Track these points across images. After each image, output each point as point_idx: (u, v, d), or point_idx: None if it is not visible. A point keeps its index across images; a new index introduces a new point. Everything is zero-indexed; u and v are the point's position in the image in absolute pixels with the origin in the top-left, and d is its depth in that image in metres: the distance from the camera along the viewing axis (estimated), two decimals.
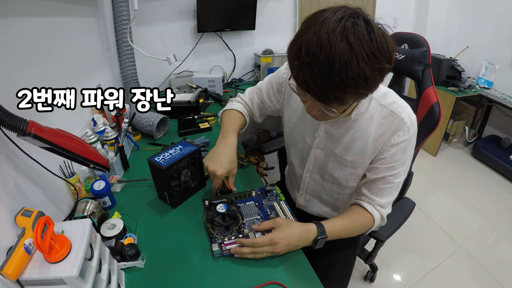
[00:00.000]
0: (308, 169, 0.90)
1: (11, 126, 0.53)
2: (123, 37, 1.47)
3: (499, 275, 1.53)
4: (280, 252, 0.68)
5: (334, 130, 0.78)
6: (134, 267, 0.67)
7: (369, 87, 0.52)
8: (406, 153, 0.72)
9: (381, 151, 0.73)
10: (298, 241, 0.70)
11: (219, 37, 2.00)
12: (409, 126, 0.69)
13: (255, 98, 1.00)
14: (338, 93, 0.51)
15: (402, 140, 0.70)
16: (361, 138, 0.74)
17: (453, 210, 2.03)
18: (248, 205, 0.83)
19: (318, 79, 0.50)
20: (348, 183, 0.83)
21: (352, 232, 0.77)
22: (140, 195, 0.92)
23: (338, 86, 0.50)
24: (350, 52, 0.47)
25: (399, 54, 1.12)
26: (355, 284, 1.49)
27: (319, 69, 0.49)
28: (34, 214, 0.56)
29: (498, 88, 2.48)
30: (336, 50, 0.47)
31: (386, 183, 0.75)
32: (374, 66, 0.49)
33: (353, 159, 0.77)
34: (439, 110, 0.99)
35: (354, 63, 0.47)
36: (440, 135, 2.55)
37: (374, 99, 0.72)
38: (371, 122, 0.72)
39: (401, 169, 0.74)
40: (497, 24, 2.42)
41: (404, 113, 0.69)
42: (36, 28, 0.83)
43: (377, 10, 2.48)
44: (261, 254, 0.68)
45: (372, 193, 0.77)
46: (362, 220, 0.77)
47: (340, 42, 0.47)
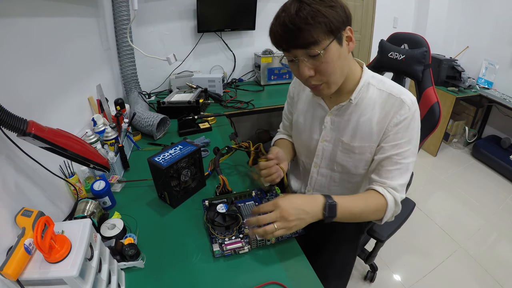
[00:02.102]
0: (316, 163, 0.90)
1: (11, 126, 0.53)
2: (123, 37, 1.48)
3: (499, 275, 1.53)
4: (288, 217, 0.63)
5: (339, 119, 0.81)
6: (134, 267, 0.67)
7: (328, 20, 0.61)
8: (410, 131, 0.74)
9: (385, 132, 0.75)
10: (304, 204, 0.66)
11: (219, 37, 2.00)
12: (410, 105, 0.72)
13: (284, 122, 1.07)
14: (306, 32, 0.61)
15: (404, 118, 0.72)
16: (365, 123, 0.77)
17: (453, 210, 2.03)
18: (248, 205, 0.83)
19: (287, 29, 0.63)
20: (358, 170, 0.84)
21: (364, 211, 0.73)
22: (140, 195, 0.92)
23: (303, 26, 0.61)
24: (302, 3, 0.62)
25: (399, 54, 1.12)
26: (355, 284, 1.49)
27: (285, 22, 0.63)
28: (34, 214, 0.57)
29: (498, 88, 2.48)
30: (291, 6, 0.63)
31: (394, 164, 0.75)
32: (324, 4, 0.62)
33: (361, 144, 0.79)
34: (439, 110, 0.99)
35: (306, 6, 0.61)
36: (440, 135, 2.55)
37: (371, 85, 0.77)
38: (373, 106, 0.76)
39: (407, 148, 0.74)
40: (497, 24, 2.42)
41: (403, 94, 0.74)
42: (36, 28, 0.83)
43: (377, 10, 2.49)
44: (271, 227, 0.63)
45: (382, 176, 0.77)
46: (374, 201, 0.74)
47: (293, 2, 0.63)
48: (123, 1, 1.41)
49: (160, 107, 1.45)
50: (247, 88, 1.98)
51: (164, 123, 1.30)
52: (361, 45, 2.58)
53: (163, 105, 1.45)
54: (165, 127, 1.31)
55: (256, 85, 2.08)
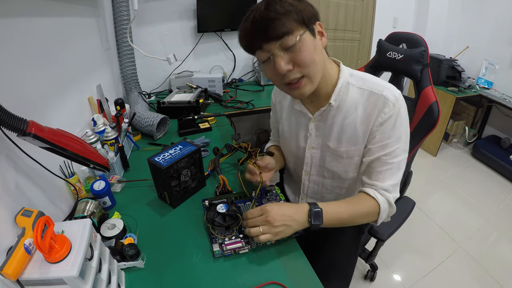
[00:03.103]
0: (306, 171, 0.90)
1: (11, 126, 0.53)
2: (123, 37, 1.48)
3: (499, 275, 1.53)
4: (273, 222, 0.65)
5: (323, 124, 0.79)
6: (134, 267, 0.67)
7: (299, 10, 0.61)
8: (397, 129, 0.70)
9: (371, 133, 0.73)
10: (290, 211, 0.68)
11: (219, 37, 2.00)
12: (394, 101, 0.69)
13: (273, 131, 1.07)
14: (278, 22, 0.60)
15: (389, 116, 0.69)
16: (349, 125, 0.75)
17: (453, 210, 2.03)
18: (248, 205, 0.83)
19: (258, 24, 0.61)
20: (348, 174, 0.83)
21: (354, 216, 0.73)
22: (140, 195, 0.92)
23: (274, 16, 0.60)
24: (270, 0, 0.62)
25: (397, 54, 1.12)
26: (355, 283, 1.49)
27: (255, 18, 0.62)
28: (34, 214, 0.57)
29: (498, 88, 2.48)
30: (260, 5, 0.62)
31: (384, 164, 0.73)
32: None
33: (347, 148, 0.77)
34: (438, 109, 0.99)
35: (275, 1, 0.61)
36: (440, 135, 2.55)
37: (351, 84, 0.73)
38: (356, 107, 0.73)
39: (396, 147, 0.71)
40: (497, 24, 2.42)
41: (386, 91, 0.70)
42: (36, 28, 0.83)
43: (377, 10, 2.48)
44: (256, 229, 0.66)
45: (372, 178, 0.75)
46: (364, 205, 0.73)
47: (262, 2, 0.63)
48: (123, 1, 1.41)
49: (160, 107, 1.45)
50: (247, 88, 1.98)
51: (164, 123, 1.30)
52: (361, 45, 2.58)
53: (163, 105, 1.45)
54: (165, 127, 1.31)
55: (256, 85, 2.09)
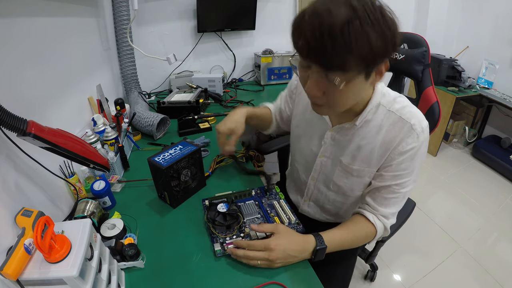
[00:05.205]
0: (313, 177, 0.88)
1: (11, 126, 0.53)
2: (123, 37, 1.47)
3: (499, 275, 1.53)
4: (275, 261, 0.65)
5: (340, 137, 0.75)
6: (134, 267, 0.67)
7: (373, 56, 0.50)
8: (415, 162, 0.68)
9: (388, 159, 0.69)
10: (295, 251, 0.67)
11: (219, 37, 2.00)
12: (419, 132, 0.65)
13: (277, 102, 1.03)
14: (340, 55, 0.49)
15: (411, 147, 0.65)
16: (367, 146, 0.71)
17: (453, 210, 2.04)
18: (248, 204, 0.83)
19: (320, 38, 0.48)
20: (354, 192, 0.81)
21: (354, 243, 0.75)
22: (140, 195, 0.92)
23: (340, 47, 0.47)
24: (353, 14, 0.47)
25: (398, 54, 1.12)
26: (355, 283, 1.50)
27: (321, 27, 0.47)
28: (34, 214, 0.57)
29: (498, 88, 2.48)
30: (339, 11, 0.47)
31: (392, 193, 0.71)
32: (378, 31, 0.47)
33: (360, 167, 0.74)
34: (439, 109, 1.00)
35: (357, 23, 0.46)
36: (440, 135, 2.55)
37: (382, 105, 0.68)
38: (379, 129, 0.69)
39: (408, 179, 0.70)
40: (497, 24, 2.42)
41: (414, 119, 0.65)
42: (36, 28, 0.83)
43: None
44: (255, 261, 0.66)
45: (376, 203, 0.74)
46: (363, 231, 0.75)
47: (344, 6, 0.47)
48: (123, 1, 1.41)
49: (160, 107, 1.45)
50: (247, 88, 1.98)
51: (164, 123, 1.30)
52: None
53: (163, 105, 1.45)
54: (165, 127, 1.30)
55: (256, 85, 2.08)
